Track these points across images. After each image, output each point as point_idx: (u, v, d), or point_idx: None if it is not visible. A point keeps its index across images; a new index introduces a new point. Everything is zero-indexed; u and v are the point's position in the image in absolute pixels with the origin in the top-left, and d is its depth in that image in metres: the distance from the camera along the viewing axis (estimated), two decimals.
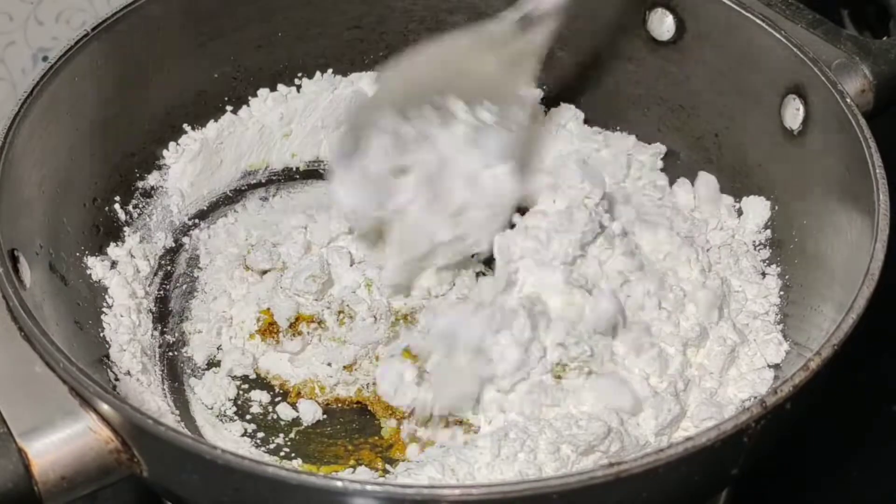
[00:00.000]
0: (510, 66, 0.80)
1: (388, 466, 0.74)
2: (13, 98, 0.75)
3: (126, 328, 0.79)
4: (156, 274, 0.86)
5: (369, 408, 0.78)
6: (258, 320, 0.82)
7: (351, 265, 0.83)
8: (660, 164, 0.92)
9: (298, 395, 0.79)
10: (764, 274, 0.83)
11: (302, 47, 0.94)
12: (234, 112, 0.92)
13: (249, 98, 0.93)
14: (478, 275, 0.83)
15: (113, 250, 0.83)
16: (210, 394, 0.79)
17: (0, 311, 0.65)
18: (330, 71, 0.95)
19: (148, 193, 0.88)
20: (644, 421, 0.72)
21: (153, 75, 0.86)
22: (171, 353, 0.81)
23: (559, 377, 0.73)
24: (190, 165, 0.89)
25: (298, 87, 0.95)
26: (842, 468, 0.89)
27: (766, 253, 0.85)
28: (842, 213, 0.75)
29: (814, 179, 0.79)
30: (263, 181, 0.93)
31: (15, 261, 0.69)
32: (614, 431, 0.70)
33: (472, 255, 0.82)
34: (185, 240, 0.89)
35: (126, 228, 0.85)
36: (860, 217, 0.71)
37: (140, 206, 0.87)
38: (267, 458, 0.75)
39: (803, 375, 0.61)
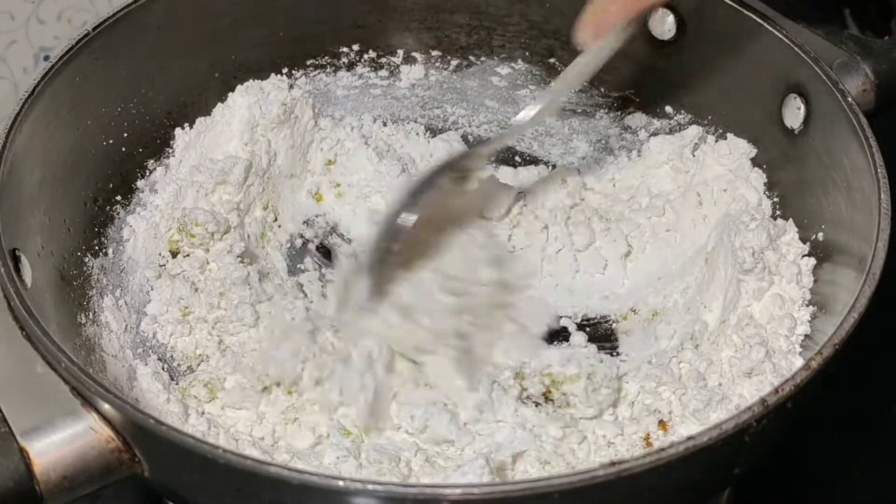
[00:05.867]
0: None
1: None
2: (14, 97, 0.75)
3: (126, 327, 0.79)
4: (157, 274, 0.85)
5: None
6: None
7: None
8: None
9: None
10: None
11: (302, 47, 0.94)
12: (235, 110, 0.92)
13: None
14: None
15: (114, 249, 0.83)
16: None
17: (1, 310, 0.65)
18: (330, 70, 0.96)
19: (149, 193, 0.87)
20: None
21: (153, 75, 0.86)
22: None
23: None
24: (191, 164, 0.89)
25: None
26: (842, 468, 0.89)
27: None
28: (843, 213, 0.75)
29: (815, 179, 0.79)
30: None
31: (16, 260, 0.69)
32: None
33: None
34: None
35: (127, 228, 0.85)
36: (861, 216, 0.71)
37: (141, 205, 0.86)
38: None
39: (805, 374, 0.61)
